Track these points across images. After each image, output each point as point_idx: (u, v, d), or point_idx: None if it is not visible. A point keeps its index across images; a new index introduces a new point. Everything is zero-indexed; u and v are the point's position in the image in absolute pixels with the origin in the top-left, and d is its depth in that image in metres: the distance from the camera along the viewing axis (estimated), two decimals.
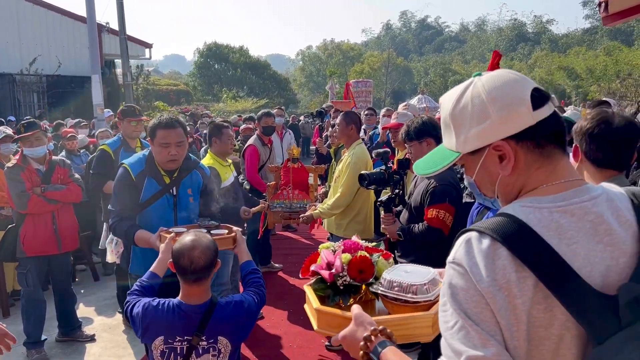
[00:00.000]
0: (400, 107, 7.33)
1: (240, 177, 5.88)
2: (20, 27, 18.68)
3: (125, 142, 4.84)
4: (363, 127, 7.58)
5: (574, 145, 2.14)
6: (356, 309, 1.36)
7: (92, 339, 4.70)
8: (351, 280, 1.74)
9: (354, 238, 1.96)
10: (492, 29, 69.64)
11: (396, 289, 1.63)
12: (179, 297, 2.31)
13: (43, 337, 4.44)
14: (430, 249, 3.30)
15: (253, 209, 4.53)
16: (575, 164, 2.15)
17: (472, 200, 3.19)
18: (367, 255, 1.80)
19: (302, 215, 4.51)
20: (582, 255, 1.00)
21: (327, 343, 4.41)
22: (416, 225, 3.32)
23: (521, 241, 1.00)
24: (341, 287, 1.74)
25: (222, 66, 43.37)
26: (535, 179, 1.11)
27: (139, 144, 4.99)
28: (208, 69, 43.19)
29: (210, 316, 2.24)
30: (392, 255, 2.00)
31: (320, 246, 1.94)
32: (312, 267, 1.85)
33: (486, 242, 1.03)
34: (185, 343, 2.23)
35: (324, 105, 12.97)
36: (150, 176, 3.24)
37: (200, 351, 2.24)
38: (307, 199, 5.04)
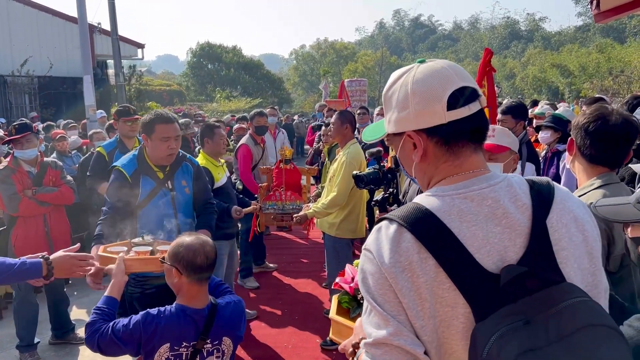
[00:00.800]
0: None
1: (233, 177, 5.85)
2: (11, 28, 18.57)
3: (121, 143, 4.81)
4: (357, 125, 7.56)
5: (569, 138, 2.13)
6: (358, 321, 1.38)
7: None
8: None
9: None
10: (485, 27, 69.91)
11: None
12: (179, 303, 2.24)
13: (36, 340, 4.41)
14: None
15: (245, 209, 4.52)
16: (569, 157, 2.14)
17: None
18: None
19: (296, 215, 4.49)
20: (481, 236, 1.08)
21: (321, 343, 4.41)
22: None
23: (423, 225, 1.08)
24: (361, 301, 1.74)
25: (215, 66, 43.29)
26: (442, 171, 1.20)
27: (137, 143, 4.97)
28: (201, 69, 43.10)
29: (214, 318, 2.23)
30: None
31: (354, 262, 1.99)
32: (337, 280, 1.97)
33: (393, 227, 1.11)
34: (190, 348, 2.21)
35: (316, 106, 12.94)
36: (145, 174, 3.27)
37: (205, 354, 2.23)
38: (300, 200, 5.02)
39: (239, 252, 4.79)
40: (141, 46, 22.48)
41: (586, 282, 1.09)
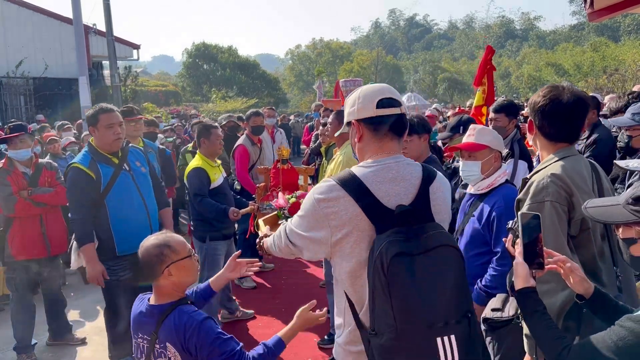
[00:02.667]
0: None
1: (230, 178, 5.86)
2: (6, 30, 18.50)
3: None
4: None
5: (528, 119, 2.24)
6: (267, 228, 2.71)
7: (83, 342, 4.67)
8: (287, 214, 3.15)
9: None
10: (480, 26, 70.01)
11: None
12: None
13: (33, 341, 4.41)
14: None
15: (242, 210, 4.52)
16: (530, 136, 2.26)
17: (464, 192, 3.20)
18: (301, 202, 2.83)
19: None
20: (384, 190, 1.78)
21: (319, 341, 4.42)
22: None
23: (350, 183, 1.79)
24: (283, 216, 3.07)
25: (211, 66, 43.19)
26: (370, 150, 1.88)
27: (142, 143, 4.97)
28: (197, 70, 42.99)
29: (164, 319, 2.17)
30: None
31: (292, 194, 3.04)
32: (272, 201, 2.94)
33: (331, 183, 1.82)
34: (146, 342, 2.22)
35: (313, 106, 12.94)
36: (101, 162, 3.62)
37: (156, 354, 2.19)
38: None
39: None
40: (137, 47, 22.42)
41: (443, 224, 1.83)
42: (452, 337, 1.61)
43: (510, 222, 1.98)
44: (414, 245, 1.65)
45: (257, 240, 2.39)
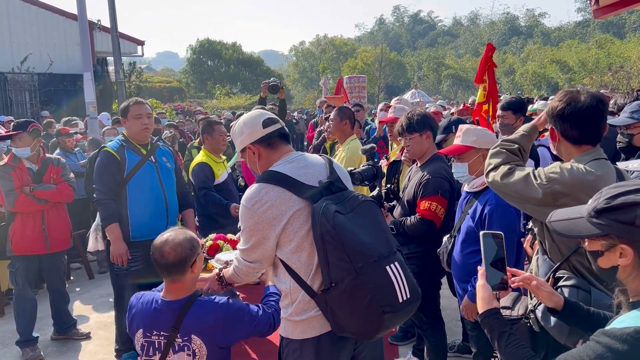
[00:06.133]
0: (393, 101, 7.33)
1: (235, 173, 5.87)
2: (11, 26, 18.52)
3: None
4: None
5: (550, 127, 2.19)
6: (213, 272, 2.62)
7: (87, 336, 4.70)
8: (207, 256, 3.34)
9: (229, 236, 3.57)
10: (484, 22, 69.80)
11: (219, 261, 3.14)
12: (161, 292, 2.31)
13: (35, 335, 4.42)
14: (423, 240, 3.32)
15: None
16: (554, 144, 2.20)
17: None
18: (219, 243, 3.46)
19: None
20: (303, 175, 2.12)
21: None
22: (408, 218, 3.33)
23: (273, 176, 2.10)
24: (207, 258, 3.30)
25: (215, 63, 43.24)
26: (273, 159, 2.21)
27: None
28: (201, 66, 43.05)
29: (186, 313, 2.20)
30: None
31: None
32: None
33: (257, 185, 2.11)
34: (163, 338, 2.22)
35: (317, 102, 12.93)
36: (129, 149, 3.88)
37: (177, 348, 2.21)
38: None
39: None
40: (141, 43, 22.41)
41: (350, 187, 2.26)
42: (396, 263, 2.03)
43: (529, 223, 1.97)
44: (342, 207, 2.03)
45: (215, 276, 2.48)
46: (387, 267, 1.99)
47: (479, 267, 1.81)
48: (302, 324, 2.09)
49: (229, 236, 3.58)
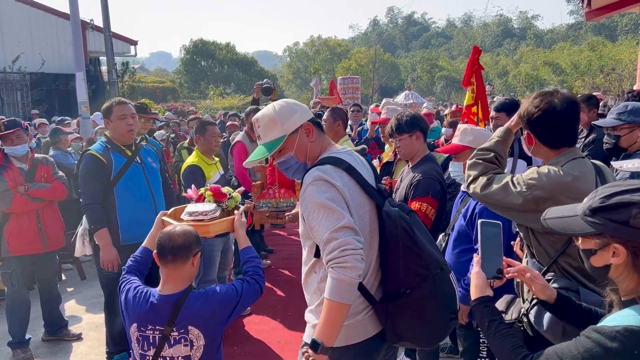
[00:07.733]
0: (382, 103, 7.36)
1: (228, 174, 5.85)
2: (3, 25, 18.42)
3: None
4: (349, 122, 7.57)
5: (526, 132, 2.19)
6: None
7: (78, 337, 4.67)
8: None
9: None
10: (478, 24, 70.04)
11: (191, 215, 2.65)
12: (157, 287, 2.32)
13: (27, 337, 4.40)
14: None
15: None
16: (529, 148, 2.21)
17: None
18: (204, 193, 2.87)
19: (288, 213, 4.49)
20: (364, 171, 2.07)
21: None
22: None
23: (342, 162, 2.01)
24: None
25: (209, 63, 43.13)
26: (324, 142, 2.14)
27: (145, 140, 4.98)
28: (194, 66, 42.92)
29: (181, 307, 2.21)
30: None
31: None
32: (184, 193, 3.11)
33: (327, 166, 1.99)
34: (158, 333, 2.23)
35: (311, 103, 12.92)
36: (114, 151, 3.79)
37: (172, 342, 2.22)
38: (294, 197, 5.02)
39: (233, 248, 4.78)
40: (134, 43, 22.36)
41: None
42: (452, 273, 2.09)
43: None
44: (396, 206, 2.05)
45: (237, 216, 2.56)
46: (449, 275, 2.05)
47: (474, 255, 1.82)
48: (345, 329, 1.92)
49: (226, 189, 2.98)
